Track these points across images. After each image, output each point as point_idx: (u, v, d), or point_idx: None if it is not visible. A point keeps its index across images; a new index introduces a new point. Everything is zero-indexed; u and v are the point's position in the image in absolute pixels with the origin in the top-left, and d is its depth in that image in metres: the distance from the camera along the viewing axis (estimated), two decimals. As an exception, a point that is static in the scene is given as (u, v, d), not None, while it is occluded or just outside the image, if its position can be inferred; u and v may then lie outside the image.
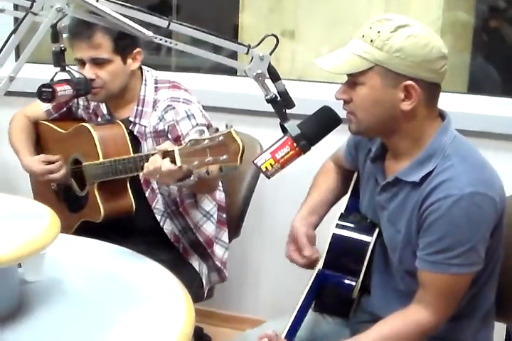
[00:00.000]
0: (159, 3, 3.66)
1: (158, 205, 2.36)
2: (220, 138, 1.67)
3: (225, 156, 1.67)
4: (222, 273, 2.50)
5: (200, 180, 1.89)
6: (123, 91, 2.33)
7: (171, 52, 3.69)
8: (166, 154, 1.81)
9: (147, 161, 1.93)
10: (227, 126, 1.68)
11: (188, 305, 1.62)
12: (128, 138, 2.27)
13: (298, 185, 2.17)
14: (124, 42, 2.25)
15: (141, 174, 2.20)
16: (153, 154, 1.91)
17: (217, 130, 1.70)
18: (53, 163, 2.45)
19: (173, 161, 1.78)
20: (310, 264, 1.90)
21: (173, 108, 2.28)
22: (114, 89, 2.29)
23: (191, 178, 1.87)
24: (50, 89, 1.93)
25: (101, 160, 2.21)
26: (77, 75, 2.05)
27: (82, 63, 2.25)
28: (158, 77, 2.38)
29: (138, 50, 2.30)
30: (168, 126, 2.27)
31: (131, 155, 2.16)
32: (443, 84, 1.69)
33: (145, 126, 2.31)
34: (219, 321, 3.14)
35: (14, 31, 1.52)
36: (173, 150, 1.77)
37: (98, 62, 2.23)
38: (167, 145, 1.85)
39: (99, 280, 1.72)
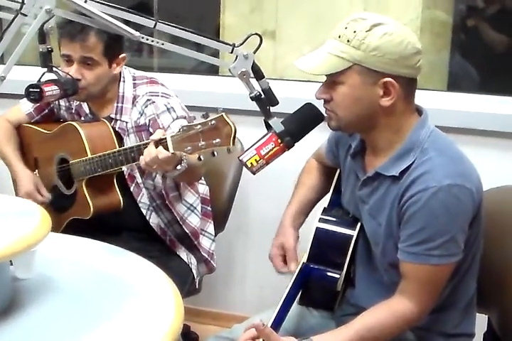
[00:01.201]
0: (139, 5, 3.67)
1: (143, 199, 2.39)
2: (212, 122, 1.70)
3: (217, 140, 1.70)
4: (209, 264, 2.53)
5: (189, 167, 1.92)
6: (103, 91, 2.35)
7: (153, 53, 3.71)
8: (158, 143, 1.84)
9: (138, 152, 1.95)
10: (217, 111, 1.71)
11: (178, 301, 1.61)
12: (113, 134, 2.30)
13: (281, 181, 2.20)
14: (113, 48, 2.29)
15: (124, 168, 2.24)
16: (144, 144, 1.94)
17: (207, 115, 1.72)
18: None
19: (167, 148, 1.80)
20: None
21: (153, 102, 2.31)
22: (94, 91, 2.32)
23: (182, 164, 1.89)
24: (38, 90, 1.94)
25: (89, 156, 2.23)
26: (63, 75, 2.08)
27: (69, 60, 2.27)
28: (135, 74, 2.42)
29: (123, 55, 2.35)
30: (149, 120, 2.30)
31: (121, 148, 2.18)
32: (423, 82, 1.73)
33: (126, 122, 2.34)
34: (206, 319, 3.15)
35: (3, 33, 1.54)
36: (165, 138, 1.80)
37: (87, 63, 2.25)
38: (159, 134, 1.87)
39: (89, 278, 1.73)
